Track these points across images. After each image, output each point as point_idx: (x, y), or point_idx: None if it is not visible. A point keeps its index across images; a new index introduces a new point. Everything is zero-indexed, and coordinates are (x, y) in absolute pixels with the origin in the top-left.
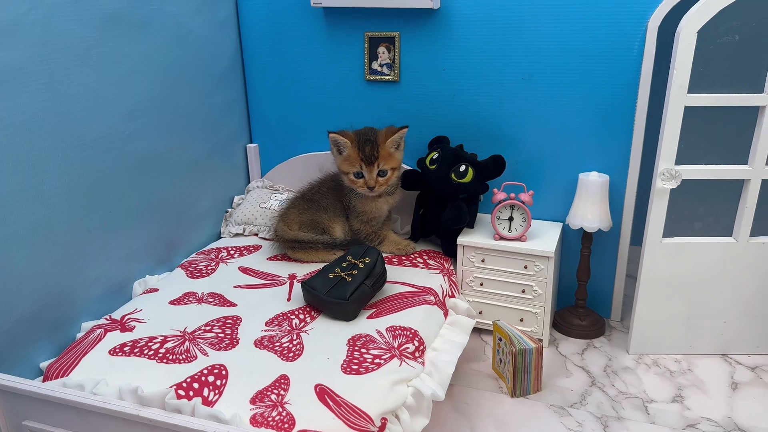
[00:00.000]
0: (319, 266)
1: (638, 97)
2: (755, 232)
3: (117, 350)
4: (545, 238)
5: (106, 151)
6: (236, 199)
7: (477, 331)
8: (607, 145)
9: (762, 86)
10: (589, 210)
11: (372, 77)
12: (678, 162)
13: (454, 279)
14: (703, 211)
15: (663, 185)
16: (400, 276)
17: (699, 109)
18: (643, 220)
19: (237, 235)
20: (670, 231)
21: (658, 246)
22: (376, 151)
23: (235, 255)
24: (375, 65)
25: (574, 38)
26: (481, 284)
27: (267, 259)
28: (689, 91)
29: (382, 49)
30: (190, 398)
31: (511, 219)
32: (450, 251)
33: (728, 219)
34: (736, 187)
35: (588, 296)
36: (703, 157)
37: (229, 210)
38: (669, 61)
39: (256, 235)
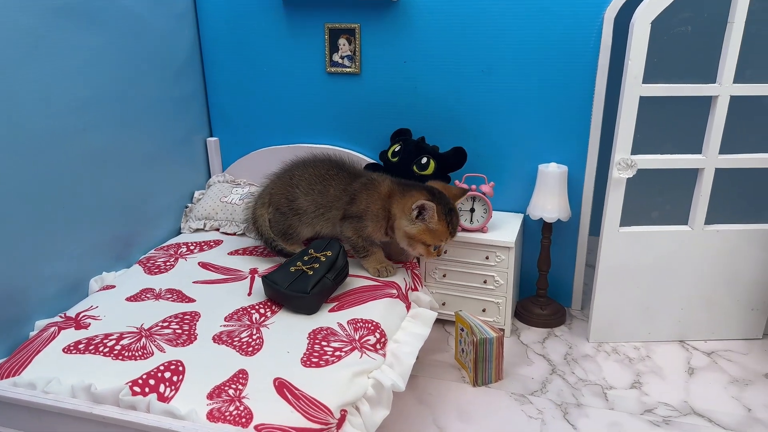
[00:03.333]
0: (281, 261)
1: (595, 88)
2: (710, 220)
3: (71, 348)
4: (506, 228)
5: (59, 145)
6: (197, 194)
7: (440, 322)
8: (565, 137)
9: (714, 76)
10: (549, 201)
11: (333, 69)
12: (634, 152)
13: (417, 272)
14: (660, 200)
15: (619, 175)
16: (363, 270)
17: (654, 99)
18: (601, 210)
19: (197, 230)
20: (628, 220)
21: (616, 235)
22: (456, 220)
23: (195, 250)
24: (336, 57)
25: (532, 30)
26: (444, 275)
27: (228, 253)
28: (644, 82)
29: (342, 41)
30: (145, 395)
31: (472, 210)
32: None
33: (684, 208)
34: (691, 176)
35: (549, 286)
36: (660, 147)
37: (189, 205)
38: (625, 52)
39: (217, 230)
